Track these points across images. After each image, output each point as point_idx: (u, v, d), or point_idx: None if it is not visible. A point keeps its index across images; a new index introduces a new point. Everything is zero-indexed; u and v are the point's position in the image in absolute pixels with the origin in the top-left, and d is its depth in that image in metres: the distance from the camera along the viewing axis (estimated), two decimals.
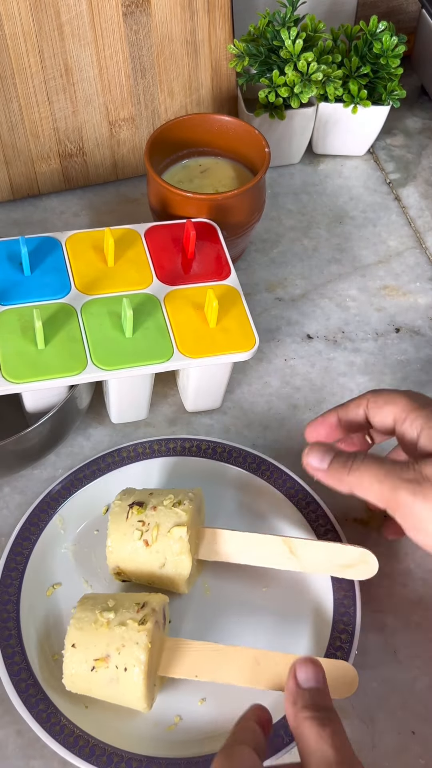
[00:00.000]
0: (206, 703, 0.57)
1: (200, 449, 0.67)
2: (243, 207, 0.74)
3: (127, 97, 0.83)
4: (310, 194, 0.89)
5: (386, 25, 0.84)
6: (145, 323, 0.65)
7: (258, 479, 0.66)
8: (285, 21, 0.82)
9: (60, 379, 0.61)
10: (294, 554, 0.59)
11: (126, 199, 0.88)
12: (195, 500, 0.60)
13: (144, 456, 0.67)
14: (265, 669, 0.54)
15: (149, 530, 0.57)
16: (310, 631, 0.59)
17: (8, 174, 0.84)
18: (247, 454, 0.67)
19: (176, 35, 0.81)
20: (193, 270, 0.69)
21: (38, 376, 0.61)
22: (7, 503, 0.67)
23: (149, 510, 0.58)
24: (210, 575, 0.62)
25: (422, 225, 0.86)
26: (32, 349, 0.62)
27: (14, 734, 0.56)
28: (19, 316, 0.64)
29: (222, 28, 0.82)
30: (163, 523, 0.57)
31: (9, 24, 0.76)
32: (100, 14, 0.78)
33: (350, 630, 0.58)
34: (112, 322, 0.64)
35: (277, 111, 0.84)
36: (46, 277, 0.67)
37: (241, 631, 0.60)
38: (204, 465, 0.67)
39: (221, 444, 0.67)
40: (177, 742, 0.55)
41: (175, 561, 0.57)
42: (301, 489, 0.65)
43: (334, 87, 0.82)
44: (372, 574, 0.59)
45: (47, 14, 0.76)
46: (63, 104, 0.82)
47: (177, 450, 0.67)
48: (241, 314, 0.66)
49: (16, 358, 0.61)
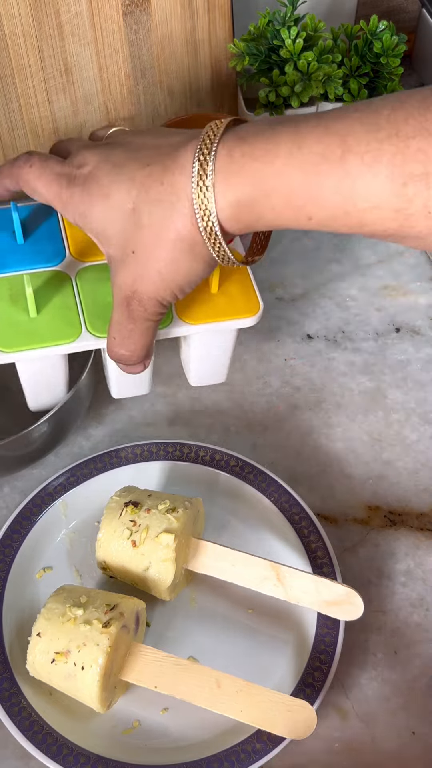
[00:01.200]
0: (168, 713, 0.57)
1: (198, 456, 0.67)
2: None
3: (127, 96, 0.83)
4: None
5: (386, 24, 0.84)
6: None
7: (253, 489, 0.65)
8: (285, 20, 0.81)
9: (54, 347, 0.59)
10: (281, 582, 0.58)
11: None
12: (191, 509, 0.59)
13: (141, 458, 0.67)
14: (225, 693, 0.54)
15: (139, 531, 0.58)
16: (285, 662, 0.59)
17: None
18: (245, 464, 0.66)
19: (176, 35, 0.81)
20: None
21: (31, 344, 0.59)
22: (7, 503, 0.67)
23: (143, 511, 0.58)
24: (199, 587, 0.62)
25: None
26: (24, 318, 0.60)
27: None
28: (11, 285, 0.62)
29: (222, 28, 0.82)
30: (153, 526, 0.58)
31: (9, 23, 0.76)
32: (100, 14, 0.78)
33: (325, 669, 0.57)
34: (108, 289, 0.61)
35: (278, 110, 0.83)
36: (39, 245, 0.64)
37: (218, 647, 0.59)
38: (201, 472, 0.67)
39: (219, 451, 0.67)
40: (131, 747, 0.55)
41: (159, 566, 0.57)
42: (296, 503, 0.64)
43: (335, 86, 0.82)
44: (356, 616, 0.58)
45: (47, 13, 0.76)
46: (63, 104, 0.81)
47: (176, 455, 0.67)
48: (245, 279, 0.63)
49: (7, 327, 0.59)
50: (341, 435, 0.71)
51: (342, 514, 0.66)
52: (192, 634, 0.60)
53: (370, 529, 0.66)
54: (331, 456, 0.70)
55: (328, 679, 0.57)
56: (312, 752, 0.56)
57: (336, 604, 0.58)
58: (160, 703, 0.57)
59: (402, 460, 0.69)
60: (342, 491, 0.68)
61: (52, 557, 0.63)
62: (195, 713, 0.55)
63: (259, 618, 0.61)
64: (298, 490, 0.67)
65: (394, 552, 0.65)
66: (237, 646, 0.60)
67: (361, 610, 0.57)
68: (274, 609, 0.61)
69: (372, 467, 0.69)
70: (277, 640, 0.60)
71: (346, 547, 0.65)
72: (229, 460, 0.67)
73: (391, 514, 0.66)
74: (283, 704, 0.54)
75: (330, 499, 0.67)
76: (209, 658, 0.58)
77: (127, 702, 0.57)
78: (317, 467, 0.69)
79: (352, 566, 0.64)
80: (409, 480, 0.68)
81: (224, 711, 0.54)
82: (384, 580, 0.63)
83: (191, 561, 0.60)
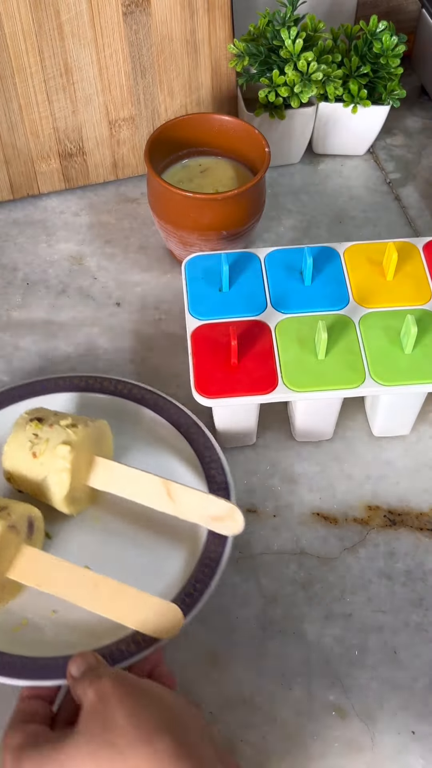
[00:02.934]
0: (56, 615, 0.60)
1: (103, 386, 0.70)
2: (243, 207, 0.74)
3: (127, 96, 0.83)
4: (310, 194, 0.89)
5: (386, 24, 0.84)
6: (425, 340, 0.64)
7: (159, 417, 0.68)
8: (285, 20, 0.82)
9: (339, 390, 0.62)
10: (171, 498, 0.62)
11: (126, 198, 0.88)
12: (92, 427, 0.62)
13: (50, 391, 0.69)
14: (101, 594, 0.58)
15: (40, 443, 0.61)
16: (174, 574, 0.62)
17: (8, 173, 0.84)
18: (152, 393, 0.69)
19: (176, 35, 0.81)
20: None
21: (318, 386, 0.62)
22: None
23: (46, 426, 0.61)
24: (103, 506, 0.65)
25: (422, 225, 0.86)
26: (312, 359, 0.63)
27: None
28: (299, 325, 0.65)
29: (222, 28, 0.82)
30: (52, 439, 0.61)
31: (9, 23, 0.76)
32: (100, 14, 0.78)
33: (207, 580, 0.60)
34: (389, 337, 0.64)
35: (277, 111, 0.84)
36: (325, 288, 0.67)
37: (115, 560, 0.63)
38: (108, 401, 0.69)
39: (123, 382, 0.69)
40: (18, 642, 0.58)
41: (55, 477, 0.60)
42: (201, 432, 0.66)
43: (334, 87, 0.82)
44: (237, 531, 0.60)
45: (47, 14, 0.76)
46: (63, 104, 0.82)
47: (82, 386, 0.70)
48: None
49: (297, 366, 0.63)
50: (341, 434, 0.71)
51: (342, 514, 0.66)
52: (91, 549, 0.63)
53: (370, 529, 0.66)
54: (331, 455, 0.70)
55: (208, 590, 0.59)
56: (311, 752, 0.56)
57: (220, 520, 0.61)
58: (49, 607, 0.60)
59: (402, 460, 0.69)
60: (342, 491, 0.68)
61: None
62: (80, 617, 0.59)
63: (157, 535, 0.64)
64: (298, 490, 0.67)
65: (394, 552, 0.65)
66: (132, 559, 0.63)
67: (241, 526, 0.60)
68: (171, 527, 0.64)
69: (372, 467, 0.69)
70: (170, 554, 0.63)
71: (346, 547, 0.65)
72: (132, 388, 0.69)
73: (391, 514, 0.66)
74: (153, 606, 0.57)
75: (330, 499, 0.67)
76: (104, 568, 0.60)
77: (18, 602, 0.61)
78: (317, 467, 0.69)
79: (352, 566, 0.64)
80: (409, 480, 0.68)
81: (99, 610, 0.57)
82: (384, 580, 0.63)
83: (92, 478, 0.63)
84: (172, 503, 0.62)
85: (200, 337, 0.65)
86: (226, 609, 0.62)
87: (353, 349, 0.63)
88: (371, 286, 0.67)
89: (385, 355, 0.63)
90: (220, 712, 0.58)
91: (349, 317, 0.65)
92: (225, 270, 0.66)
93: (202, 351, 0.64)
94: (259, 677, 0.59)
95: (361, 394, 0.63)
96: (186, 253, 0.78)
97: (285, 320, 0.65)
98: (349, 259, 0.69)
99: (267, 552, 0.65)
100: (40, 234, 0.85)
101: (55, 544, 0.64)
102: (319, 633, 0.61)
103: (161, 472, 0.64)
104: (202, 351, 0.64)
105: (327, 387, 0.62)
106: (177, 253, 0.80)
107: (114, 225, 0.86)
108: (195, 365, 0.63)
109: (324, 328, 0.61)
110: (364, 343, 0.64)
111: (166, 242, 0.80)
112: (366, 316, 0.65)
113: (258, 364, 0.63)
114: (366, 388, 0.62)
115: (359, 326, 0.65)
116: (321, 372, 0.63)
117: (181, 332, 0.76)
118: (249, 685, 0.59)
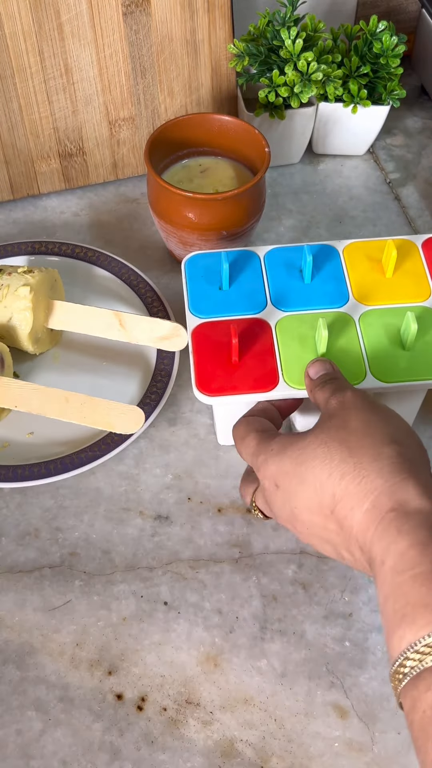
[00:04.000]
0: (33, 436, 0.69)
1: (60, 249, 0.80)
2: (243, 207, 0.74)
3: (127, 96, 0.83)
4: (310, 194, 0.89)
5: (386, 24, 0.84)
6: (425, 337, 0.64)
7: (106, 272, 0.79)
8: (285, 21, 0.82)
9: None
10: (123, 327, 0.71)
11: (126, 198, 0.88)
12: (46, 273, 0.71)
13: (10, 254, 0.80)
14: (72, 405, 0.67)
15: (2, 289, 0.69)
16: (132, 392, 0.72)
17: (8, 173, 0.84)
18: (100, 254, 0.79)
19: (176, 35, 0.81)
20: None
21: None
22: (7, 503, 0.67)
23: (5, 275, 0.70)
24: (62, 347, 0.75)
25: (422, 225, 0.86)
26: (312, 357, 0.63)
27: (14, 734, 0.56)
28: (299, 323, 0.65)
29: (222, 28, 0.82)
30: (13, 284, 0.69)
31: (9, 23, 0.76)
32: (100, 14, 0.78)
33: (160, 392, 0.70)
34: (388, 334, 0.64)
35: (277, 111, 0.84)
36: (324, 286, 0.67)
37: (78, 389, 0.69)
38: (61, 262, 0.79)
39: (78, 246, 0.80)
40: (2, 460, 0.68)
41: (19, 316, 0.69)
42: (142, 280, 0.78)
43: (334, 87, 0.82)
44: (182, 345, 0.70)
45: (47, 14, 0.76)
46: (63, 104, 0.82)
47: (41, 249, 0.80)
48: None
49: (297, 364, 0.62)
50: None
51: None
52: (56, 383, 0.71)
53: None
54: None
55: (163, 399, 0.70)
56: (311, 752, 0.56)
57: (167, 338, 0.70)
58: (26, 429, 0.69)
59: None
60: None
61: None
62: (54, 434, 0.69)
63: (114, 365, 0.74)
64: None
65: None
66: (94, 387, 0.72)
67: (185, 341, 0.69)
68: (125, 355, 0.74)
69: None
70: (127, 377, 0.73)
71: None
72: (87, 251, 0.80)
73: None
74: (118, 410, 0.66)
75: None
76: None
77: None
78: None
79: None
80: None
81: (72, 418, 0.66)
82: None
83: (51, 320, 0.72)
84: (124, 331, 0.71)
85: (201, 336, 0.65)
86: (227, 609, 0.62)
87: (353, 347, 0.63)
88: (371, 283, 0.67)
89: (385, 352, 0.63)
90: (220, 712, 0.58)
91: (349, 315, 0.65)
92: (225, 268, 0.66)
93: (203, 349, 0.64)
94: (259, 677, 0.59)
95: None
96: (186, 254, 0.78)
97: (285, 318, 0.65)
98: (349, 257, 0.69)
99: (267, 552, 0.65)
100: (40, 234, 0.85)
101: (25, 379, 0.72)
102: (319, 633, 0.61)
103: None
104: (203, 349, 0.64)
105: None
106: (177, 254, 0.80)
107: (114, 225, 0.86)
108: (196, 363, 0.63)
109: (324, 325, 0.61)
110: (364, 340, 0.64)
111: (166, 242, 0.80)
112: (366, 314, 0.65)
113: (259, 362, 0.63)
114: (366, 386, 0.62)
115: (359, 324, 0.65)
116: None
117: None
118: (249, 685, 0.59)
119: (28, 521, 0.66)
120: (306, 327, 0.64)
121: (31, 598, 0.62)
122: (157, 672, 0.59)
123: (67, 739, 0.56)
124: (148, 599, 0.62)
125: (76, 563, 0.64)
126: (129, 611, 0.61)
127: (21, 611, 0.61)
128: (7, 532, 0.65)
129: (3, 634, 0.60)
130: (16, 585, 0.63)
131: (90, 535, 0.65)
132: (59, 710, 0.57)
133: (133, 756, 0.56)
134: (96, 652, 0.60)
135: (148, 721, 0.57)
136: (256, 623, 0.61)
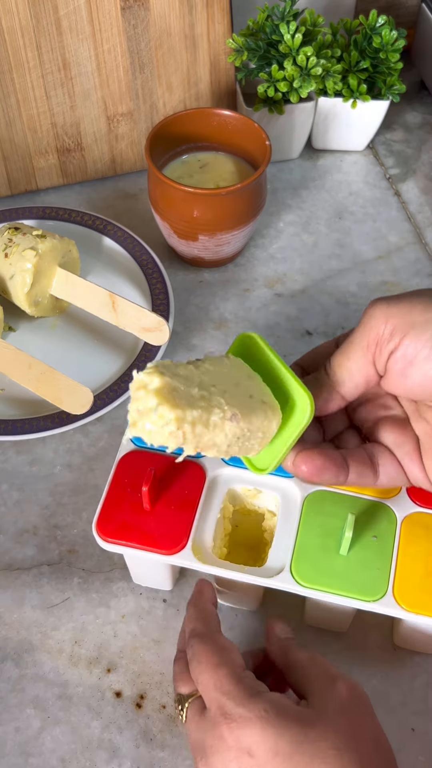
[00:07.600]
0: (5, 392, 0.72)
1: (71, 216, 0.82)
2: (245, 201, 0.74)
3: (125, 91, 0.83)
4: (310, 189, 0.89)
5: (386, 19, 0.83)
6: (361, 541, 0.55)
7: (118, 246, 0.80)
8: (284, 15, 0.81)
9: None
10: (114, 309, 0.72)
11: (124, 194, 0.88)
12: (59, 242, 0.73)
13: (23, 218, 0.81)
14: (33, 373, 0.68)
15: (12, 247, 0.71)
16: (114, 372, 0.73)
17: (6, 169, 0.84)
18: (115, 226, 0.81)
19: (174, 29, 0.81)
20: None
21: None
22: (5, 500, 0.67)
23: (20, 234, 0.72)
24: (63, 318, 0.78)
25: (422, 220, 0.86)
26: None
27: (13, 731, 0.56)
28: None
29: (221, 23, 0.82)
30: (22, 244, 0.72)
31: (6, 18, 0.75)
32: (98, 8, 0.77)
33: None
34: (323, 535, 0.55)
35: (276, 106, 0.83)
36: None
37: (66, 357, 0.74)
38: (78, 230, 0.81)
39: (90, 215, 0.82)
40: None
41: (19, 276, 0.71)
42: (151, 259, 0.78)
43: (334, 81, 0.82)
44: (163, 341, 0.71)
45: (45, 8, 0.76)
46: (61, 99, 0.81)
47: (53, 216, 0.82)
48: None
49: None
50: None
51: None
52: (46, 347, 0.75)
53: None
54: None
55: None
56: None
57: (150, 331, 0.71)
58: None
59: None
60: None
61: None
62: (22, 394, 0.71)
63: (103, 344, 0.76)
64: None
65: None
66: (78, 359, 0.74)
67: (166, 337, 0.71)
68: (115, 339, 0.75)
69: None
70: (112, 358, 0.74)
71: None
72: (95, 219, 0.81)
73: None
74: (70, 387, 0.67)
75: None
76: (52, 364, 0.69)
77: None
78: None
79: None
80: None
81: (27, 385, 0.68)
82: None
83: (54, 287, 0.74)
84: (114, 314, 0.72)
85: (126, 466, 0.57)
86: (227, 609, 0.62)
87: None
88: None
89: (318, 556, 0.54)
90: None
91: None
92: None
93: (120, 483, 0.56)
94: None
95: (273, 585, 0.54)
96: (187, 249, 0.78)
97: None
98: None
99: None
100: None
101: (17, 336, 0.76)
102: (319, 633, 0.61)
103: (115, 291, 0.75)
104: (120, 483, 0.56)
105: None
106: (178, 250, 0.80)
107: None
108: (106, 498, 0.56)
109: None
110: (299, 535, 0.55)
111: (167, 239, 0.80)
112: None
113: (172, 516, 0.55)
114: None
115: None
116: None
117: (182, 330, 0.76)
118: None
119: (27, 518, 0.66)
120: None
121: (30, 595, 0.62)
122: (156, 669, 0.59)
123: (66, 736, 0.56)
124: (146, 597, 0.62)
125: (74, 560, 0.64)
126: (128, 609, 0.61)
127: (19, 609, 0.61)
128: (6, 530, 0.65)
129: (1, 632, 0.60)
130: (14, 582, 0.63)
131: (88, 532, 0.65)
132: (58, 708, 0.57)
133: (131, 754, 0.56)
134: (95, 650, 0.60)
135: (147, 719, 0.57)
136: (255, 621, 0.61)
